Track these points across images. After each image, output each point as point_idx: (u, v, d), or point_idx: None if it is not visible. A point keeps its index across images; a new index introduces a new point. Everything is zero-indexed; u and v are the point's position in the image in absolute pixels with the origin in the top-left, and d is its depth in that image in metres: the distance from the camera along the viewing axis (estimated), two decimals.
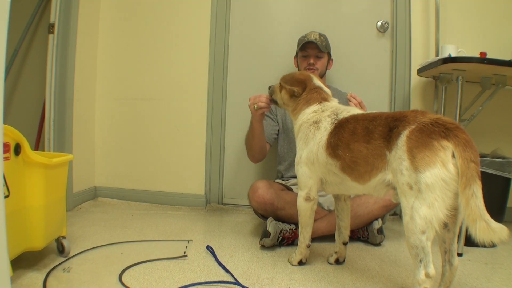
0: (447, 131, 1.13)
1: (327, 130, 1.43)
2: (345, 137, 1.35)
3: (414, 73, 2.44)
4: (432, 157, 1.11)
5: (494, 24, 2.42)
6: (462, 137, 1.12)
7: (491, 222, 1.05)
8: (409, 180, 1.15)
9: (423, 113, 1.22)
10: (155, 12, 2.72)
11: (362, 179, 1.32)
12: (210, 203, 2.69)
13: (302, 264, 1.61)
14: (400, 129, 1.20)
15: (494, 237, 1.04)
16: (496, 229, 1.04)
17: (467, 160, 1.08)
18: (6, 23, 0.92)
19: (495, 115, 2.42)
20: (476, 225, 1.05)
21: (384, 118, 1.29)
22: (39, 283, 1.34)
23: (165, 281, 1.41)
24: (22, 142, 1.34)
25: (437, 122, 1.16)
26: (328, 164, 1.41)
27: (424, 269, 1.12)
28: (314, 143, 1.45)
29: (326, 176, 1.46)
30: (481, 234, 1.04)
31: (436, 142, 1.12)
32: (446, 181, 1.10)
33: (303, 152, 1.50)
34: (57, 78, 2.35)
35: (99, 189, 2.81)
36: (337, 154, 1.37)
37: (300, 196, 1.54)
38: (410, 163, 1.15)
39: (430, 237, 1.12)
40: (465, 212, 1.07)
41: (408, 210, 1.15)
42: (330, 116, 1.47)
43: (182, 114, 2.71)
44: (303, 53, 2.17)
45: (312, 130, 1.48)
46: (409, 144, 1.16)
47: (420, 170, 1.12)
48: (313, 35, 2.15)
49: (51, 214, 1.50)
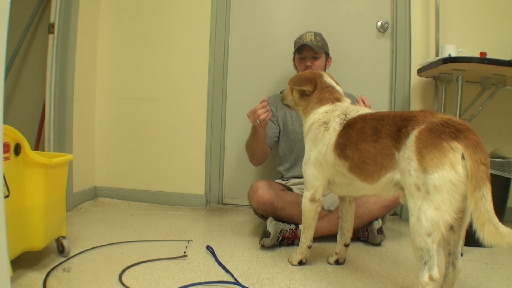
0: (457, 132, 1.11)
1: (336, 131, 1.41)
2: (353, 137, 1.33)
3: (414, 73, 2.44)
4: (441, 159, 1.10)
5: (494, 24, 2.42)
6: (472, 138, 1.09)
7: (499, 226, 1.04)
8: (417, 181, 1.13)
9: (433, 113, 1.20)
10: (155, 12, 2.72)
11: (371, 178, 1.30)
12: (210, 203, 2.69)
13: (302, 264, 1.61)
14: (409, 129, 1.18)
15: (502, 241, 1.02)
16: (504, 233, 1.03)
17: (477, 162, 1.06)
18: (6, 23, 0.92)
19: (495, 115, 2.42)
20: (485, 228, 1.03)
21: (392, 117, 1.27)
22: (39, 283, 1.34)
23: (165, 281, 1.41)
24: (22, 142, 1.34)
25: (447, 123, 1.14)
26: (336, 165, 1.40)
27: (428, 271, 1.11)
28: (323, 144, 1.44)
29: (335, 177, 1.45)
30: (489, 237, 1.03)
31: (446, 143, 1.10)
32: (454, 183, 1.08)
33: (312, 152, 1.48)
34: (57, 78, 2.35)
35: (99, 189, 2.81)
36: (345, 155, 1.35)
37: (305, 197, 1.53)
38: (419, 164, 1.13)
39: (436, 240, 1.10)
40: (473, 215, 1.05)
41: (415, 212, 1.13)
42: (339, 116, 1.45)
43: (182, 114, 2.71)
44: (299, 56, 2.15)
45: (321, 130, 1.47)
46: (418, 144, 1.14)
47: (428, 171, 1.11)
48: (308, 36, 2.12)
49: (51, 214, 1.50)
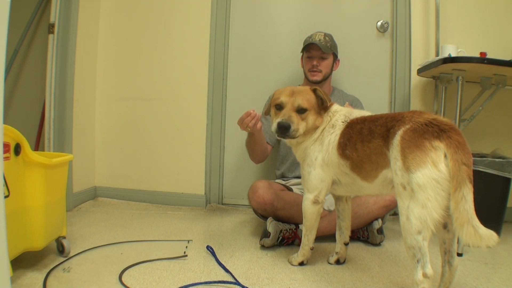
0: (440, 131, 1.13)
1: (340, 130, 1.44)
2: (353, 138, 1.37)
3: (414, 73, 2.44)
4: (423, 157, 1.11)
5: (494, 24, 2.42)
6: (455, 138, 1.11)
7: (479, 227, 1.04)
8: (402, 180, 1.16)
9: (421, 113, 1.22)
10: (155, 12, 2.72)
11: (370, 177, 1.33)
12: (210, 203, 2.69)
13: (303, 264, 1.61)
14: (396, 129, 1.21)
15: (481, 243, 1.03)
16: (483, 236, 1.03)
17: (458, 162, 1.08)
18: (6, 23, 0.92)
19: (495, 115, 2.42)
20: (464, 229, 1.04)
21: (384, 118, 1.30)
22: (39, 283, 1.34)
23: (165, 281, 1.41)
24: (22, 142, 1.34)
25: (431, 123, 1.15)
26: (340, 164, 1.42)
27: (421, 269, 1.11)
28: (329, 144, 1.46)
29: (339, 177, 1.46)
30: (468, 239, 1.04)
31: (428, 143, 1.12)
32: (438, 181, 1.09)
33: (319, 154, 1.48)
34: (57, 78, 2.35)
35: (99, 189, 2.81)
36: (345, 154, 1.38)
37: (307, 199, 1.52)
38: (403, 163, 1.15)
39: (427, 237, 1.11)
40: (453, 216, 1.06)
41: (404, 210, 1.15)
42: (341, 117, 1.48)
43: (182, 114, 2.71)
44: (307, 54, 2.17)
45: (326, 134, 1.48)
46: (402, 144, 1.17)
47: (411, 170, 1.13)
48: (317, 36, 2.13)
49: (51, 214, 1.50)
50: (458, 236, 1.07)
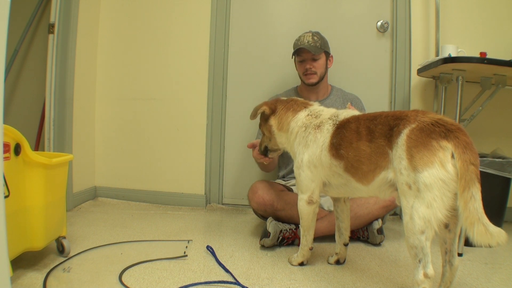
0: (447, 131, 1.12)
1: (330, 132, 1.42)
2: (348, 137, 1.35)
3: (414, 73, 2.44)
4: (431, 157, 1.11)
5: (494, 24, 2.42)
6: (462, 138, 1.11)
7: (489, 225, 1.05)
8: (408, 179, 1.15)
9: (424, 112, 1.22)
10: (155, 12, 2.72)
11: (366, 179, 1.31)
12: (210, 203, 2.69)
13: (303, 265, 1.61)
14: (400, 127, 1.20)
15: (491, 240, 1.04)
16: (494, 233, 1.04)
17: (466, 162, 1.08)
18: (6, 23, 0.92)
19: (495, 115, 2.42)
20: (474, 228, 1.04)
21: (384, 116, 1.29)
22: (39, 283, 1.34)
23: (165, 281, 1.41)
24: (22, 142, 1.34)
25: (437, 122, 1.15)
26: (332, 165, 1.40)
27: (423, 269, 1.11)
28: (317, 145, 1.44)
29: (331, 179, 1.45)
30: (479, 237, 1.04)
31: (435, 142, 1.12)
32: (444, 181, 1.09)
33: (304, 155, 1.48)
34: (57, 78, 2.35)
35: (99, 189, 2.81)
36: (340, 154, 1.36)
37: (302, 200, 1.52)
38: (409, 163, 1.15)
39: (429, 237, 1.11)
40: (463, 215, 1.07)
41: (408, 210, 1.15)
42: (331, 118, 1.47)
43: (182, 114, 2.71)
44: (298, 58, 2.12)
45: (312, 133, 1.47)
46: (408, 143, 1.16)
47: (418, 170, 1.12)
48: (305, 38, 2.05)
49: (51, 214, 1.50)
50: (468, 235, 1.07)
